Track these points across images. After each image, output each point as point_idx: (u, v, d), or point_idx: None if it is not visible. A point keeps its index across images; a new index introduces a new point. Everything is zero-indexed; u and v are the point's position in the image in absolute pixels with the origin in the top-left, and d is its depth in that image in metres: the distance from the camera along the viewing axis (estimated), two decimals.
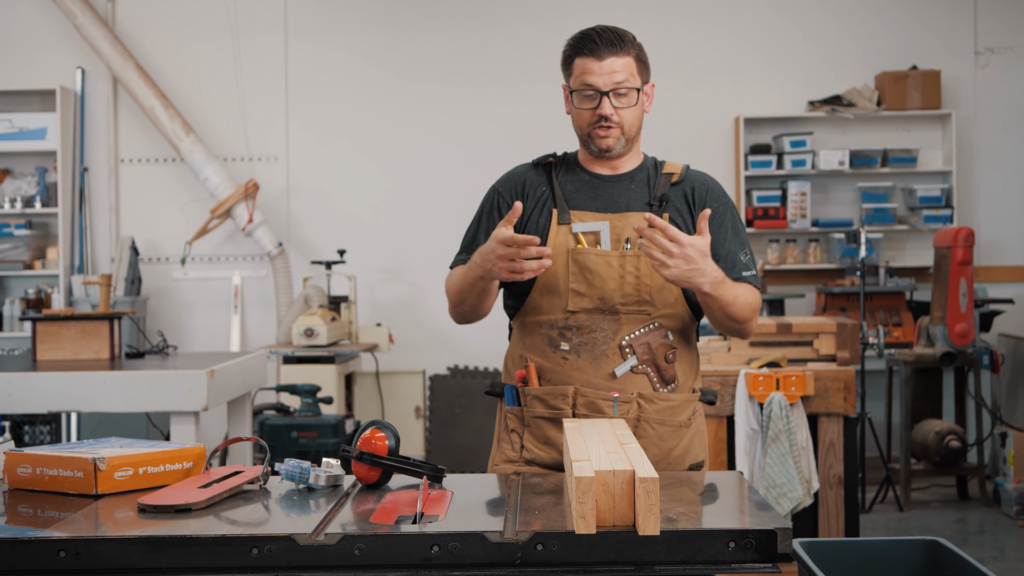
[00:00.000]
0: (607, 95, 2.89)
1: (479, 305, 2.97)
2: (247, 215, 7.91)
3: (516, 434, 2.98)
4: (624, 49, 2.90)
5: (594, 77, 2.89)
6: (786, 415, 4.96)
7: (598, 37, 2.90)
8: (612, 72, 2.88)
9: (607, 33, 2.91)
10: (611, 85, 2.89)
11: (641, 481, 2.10)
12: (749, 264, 2.97)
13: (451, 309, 3.06)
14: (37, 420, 7.35)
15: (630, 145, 2.99)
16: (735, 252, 2.97)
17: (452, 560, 2.12)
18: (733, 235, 2.98)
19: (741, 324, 2.93)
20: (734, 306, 2.86)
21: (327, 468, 2.59)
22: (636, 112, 2.95)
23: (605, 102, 2.90)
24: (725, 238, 2.97)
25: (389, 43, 8.21)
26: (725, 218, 2.99)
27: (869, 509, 6.87)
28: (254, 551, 2.13)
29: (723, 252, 2.95)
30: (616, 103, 2.90)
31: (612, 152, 2.97)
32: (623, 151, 2.98)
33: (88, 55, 8.12)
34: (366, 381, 7.88)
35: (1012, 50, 8.21)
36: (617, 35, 2.91)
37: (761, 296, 3.01)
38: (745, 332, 2.98)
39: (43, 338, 5.31)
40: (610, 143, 2.94)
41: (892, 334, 7.69)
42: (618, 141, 2.95)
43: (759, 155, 8.03)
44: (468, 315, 3.03)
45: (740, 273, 2.94)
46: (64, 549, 2.13)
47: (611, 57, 2.89)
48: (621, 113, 2.92)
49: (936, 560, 3.00)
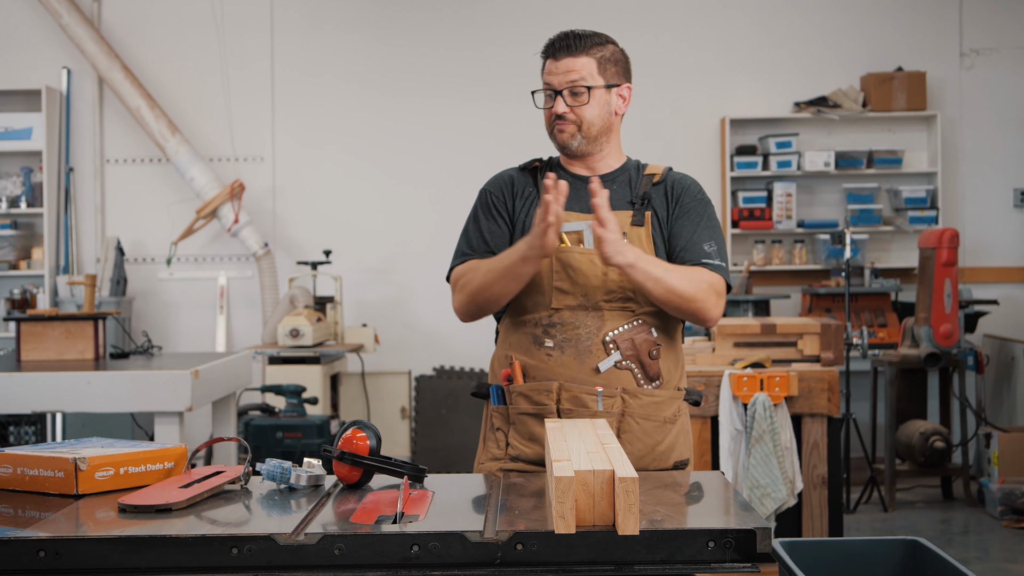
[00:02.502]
0: (560, 94, 2.98)
1: (506, 291, 2.92)
2: (233, 215, 7.90)
3: (501, 432, 3.00)
4: (581, 50, 2.98)
5: (551, 77, 3.00)
6: (770, 415, 4.97)
7: (558, 40, 3.01)
8: (567, 72, 2.97)
9: (568, 36, 3.00)
10: (565, 84, 2.97)
11: (621, 481, 2.10)
12: (713, 254, 2.96)
13: (467, 301, 2.99)
14: (22, 420, 7.34)
15: (594, 144, 3.02)
16: (699, 241, 2.97)
17: (432, 560, 2.12)
18: (703, 227, 2.99)
19: (690, 302, 2.87)
20: (668, 280, 2.83)
21: (308, 468, 2.60)
22: (596, 109, 2.99)
23: (559, 100, 2.98)
24: (694, 228, 2.98)
25: (375, 43, 8.21)
26: (696, 212, 3.01)
27: (854, 510, 6.89)
28: (234, 551, 2.13)
29: (687, 240, 2.97)
30: (570, 101, 2.97)
31: (570, 149, 3.02)
32: (585, 149, 3.02)
33: (74, 55, 8.10)
34: (352, 382, 7.88)
35: (997, 52, 8.23)
36: (578, 37, 2.99)
37: (724, 282, 2.96)
38: (701, 312, 2.91)
39: (27, 338, 5.30)
40: (566, 139, 3.01)
41: (877, 335, 7.71)
42: (574, 138, 3.00)
43: (745, 156, 8.04)
44: (490, 303, 2.96)
45: (699, 259, 2.94)
46: (44, 549, 2.13)
47: (567, 58, 2.98)
48: (576, 111, 2.98)
49: (917, 560, 3.01)
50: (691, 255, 2.95)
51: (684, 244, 2.97)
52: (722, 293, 2.95)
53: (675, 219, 3.00)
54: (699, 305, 2.89)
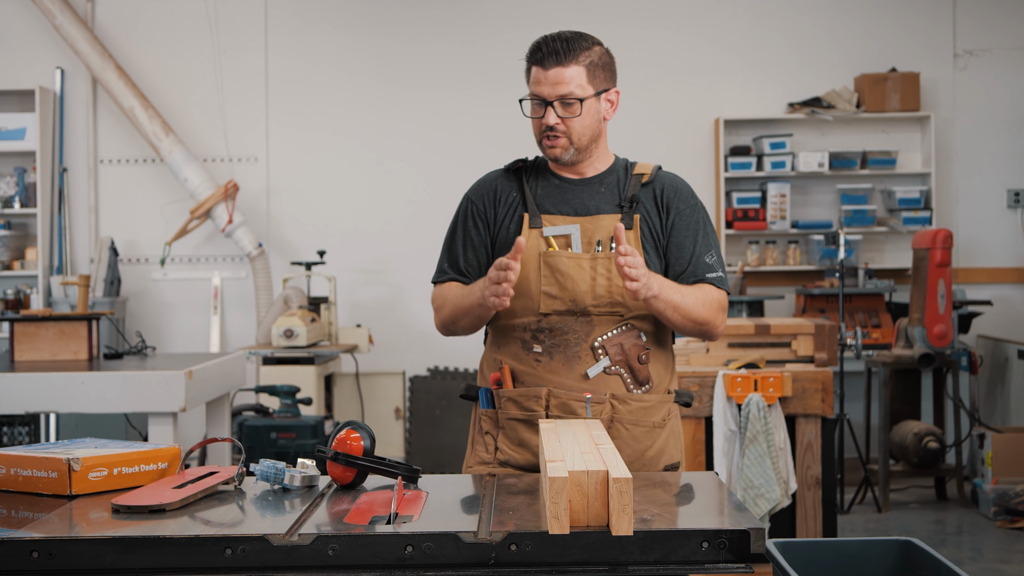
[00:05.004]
0: (551, 105, 2.91)
1: (473, 326, 3.01)
2: (227, 216, 7.89)
3: (490, 436, 2.99)
4: (571, 58, 2.90)
5: (540, 87, 2.93)
6: (764, 416, 4.98)
7: (546, 46, 2.92)
8: (557, 83, 2.90)
9: (556, 42, 2.91)
10: (555, 96, 2.91)
11: (615, 481, 2.10)
12: (715, 266, 2.98)
13: (440, 323, 3.07)
14: (16, 421, 7.32)
15: (584, 153, 2.99)
16: (701, 254, 2.98)
17: (426, 560, 2.12)
18: (702, 237, 3.00)
19: (702, 325, 2.94)
20: (685, 306, 2.87)
21: (302, 469, 2.59)
22: (585, 122, 2.94)
23: (550, 112, 2.92)
24: (694, 241, 2.99)
25: (370, 44, 8.21)
26: (692, 220, 3.01)
27: (848, 510, 6.89)
28: (228, 551, 2.13)
29: (688, 254, 2.97)
30: (561, 113, 2.92)
31: (562, 161, 2.99)
32: (575, 159, 2.99)
33: (67, 55, 8.09)
34: (346, 382, 7.87)
35: (991, 52, 8.24)
36: (566, 44, 2.91)
37: (727, 295, 3.01)
38: (710, 332, 2.99)
39: (21, 339, 5.29)
40: (558, 153, 2.96)
41: (871, 335, 7.72)
42: (566, 151, 2.96)
43: (739, 157, 8.04)
44: (460, 332, 3.06)
45: (704, 275, 2.96)
46: (37, 550, 2.13)
47: (556, 68, 2.90)
48: (567, 123, 2.93)
49: (910, 560, 3.01)
50: (695, 271, 2.96)
51: (687, 260, 2.97)
52: (726, 307, 3.01)
53: (671, 229, 2.99)
54: (710, 327, 2.97)
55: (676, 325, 2.91)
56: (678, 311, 2.86)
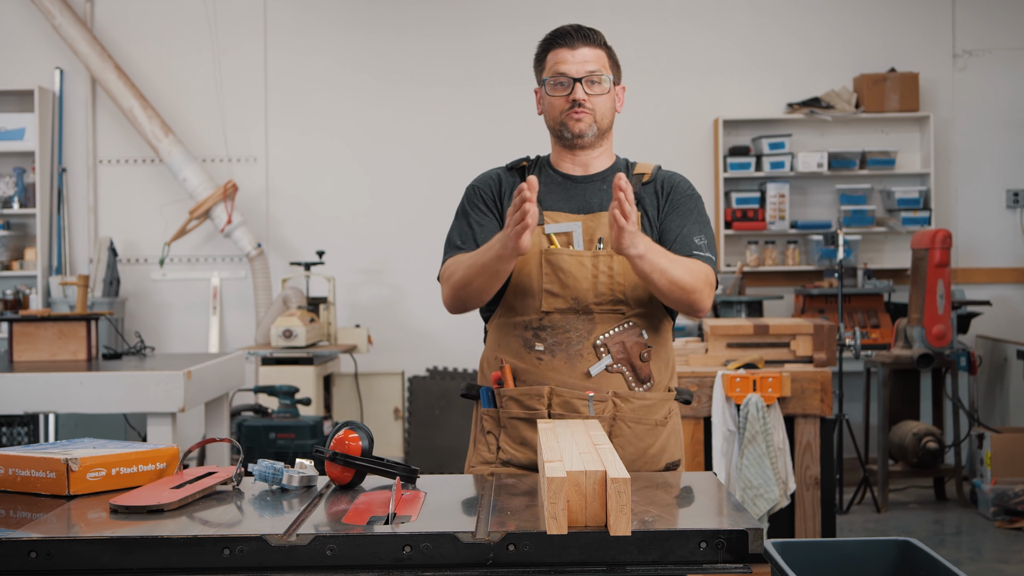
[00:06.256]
0: (579, 81, 2.96)
1: (487, 287, 2.90)
2: (226, 216, 7.89)
3: (492, 435, 2.98)
4: (596, 42, 3.01)
5: (567, 66, 2.97)
6: (763, 416, 4.97)
7: (572, 30, 3.01)
8: (585, 61, 2.97)
9: (581, 27, 3.01)
10: (584, 72, 2.96)
11: (613, 482, 2.10)
12: (703, 247, 2.96)
13: (451, 295, 2.96)
14: (15, 421, 7.32)
15: (602, 139, 3.02)
16: (690, 235, 2.96)
17: (424, 560, 2.12)
18: (693, 221, 2.99)
19: (689, 293, 2.85)
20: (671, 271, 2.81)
21: (300, 469, 2.59)
22: (608, 102, 3.00)
23: (578, 87, 2.96)
24: (684, 222, 2.98)
25: (369, 44, 8.20)
26: (686, 208, 3.01)
27: (847, 510, 6.89)
28: (226, 552, 2.13)
29: (677, 234, 2.96)
30: (588, 90, 2.97)
31: (585, 138, 2.99)
32: (595, 141, 3.01)
33: (67, 55, 8.09)
34: (345, 382, 7.87)
35: (990, 53, 8.24)
36: (590, 29, 3.02)
37: (715, 274, 2.96)
38: (697, 303, 2.89)
39: (20, 339, 5.29)
40: (583, 127, 2.98)
41: (870, 335, 7.72)
42: (591, 127, 2.99)
43: (738, 157, 8.04)
44: (472, 298, 2.94)
45: (691, 251, 2.93)
46: (35, 550, 2.13)
47: (584, 47, 2.98)
48: (593, 100, 2.98)
49: (909, 560, 3.01)
50: (682, 248, 2.93)
51: (674, 237, 2.96)
52: (713, 285, 2.95)
53: (665, 215, 2.99)
54: (696, 296, 2.88)
55: (662, 291, 2.84)
56: (664, 275, 2.80)
